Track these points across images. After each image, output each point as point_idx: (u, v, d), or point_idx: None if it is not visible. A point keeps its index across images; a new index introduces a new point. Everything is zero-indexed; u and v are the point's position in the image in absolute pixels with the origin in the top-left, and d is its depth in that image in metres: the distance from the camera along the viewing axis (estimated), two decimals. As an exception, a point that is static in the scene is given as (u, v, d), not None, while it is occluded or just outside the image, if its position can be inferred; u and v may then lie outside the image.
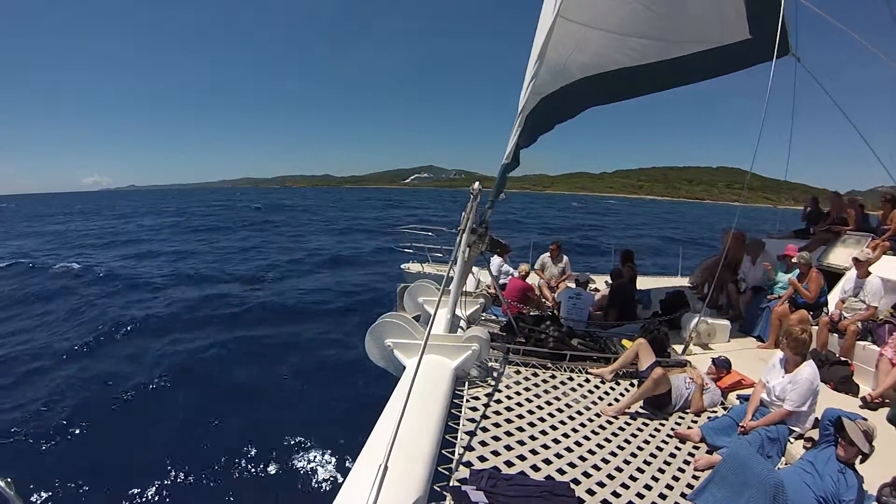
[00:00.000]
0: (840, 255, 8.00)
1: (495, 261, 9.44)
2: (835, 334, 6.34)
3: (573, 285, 9.11)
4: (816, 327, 6.31)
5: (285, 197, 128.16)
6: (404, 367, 4.29)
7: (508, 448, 3.74)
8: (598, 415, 4.64)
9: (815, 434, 4.15)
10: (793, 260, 7.25)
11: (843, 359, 5.95)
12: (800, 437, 4.33)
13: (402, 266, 11.59)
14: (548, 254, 10.42)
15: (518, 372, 5.29)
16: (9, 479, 1.56)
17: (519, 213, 61.96)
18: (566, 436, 4.14)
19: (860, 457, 3.55)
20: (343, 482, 2.50)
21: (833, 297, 6.94)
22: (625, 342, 6.36)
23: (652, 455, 4.06)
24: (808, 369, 4.38)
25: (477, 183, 4.91)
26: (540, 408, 4.56)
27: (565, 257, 10.44)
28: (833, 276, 7.40)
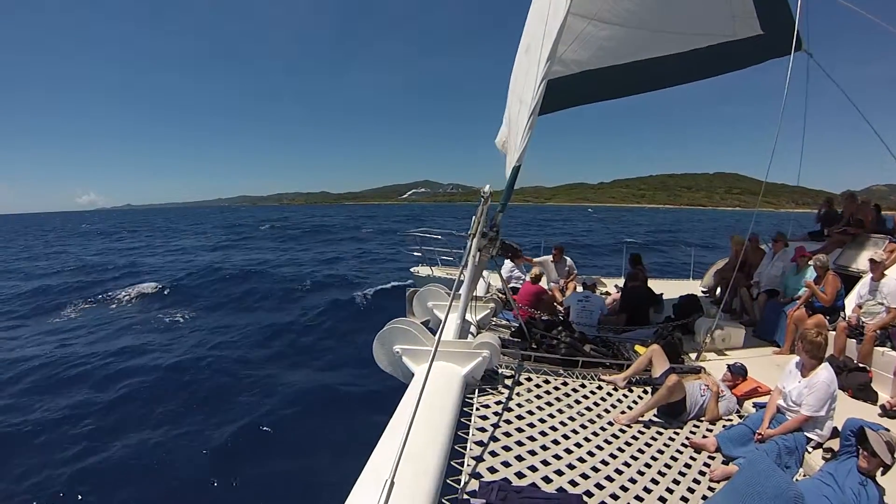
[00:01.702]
0: (857, 258, 7.88)
1: (506, 264, 9.41)
2: (852, 340, 6.22)
3: (581, 289, 9.03)
4: (834, 332, 6.19)
5: (308, 216, 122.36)
6: (413, 375, 4.22)
7: (519, 458, 3.65)
8: (610, 423, 4.55)
9: (834, 444, 4.05)
10: (809, 262, 7.13)
11: (861, 365, 5.82)
12: (818, 445, 4.22)
13: (412, 269, 11.56)
14: (550, 257, 10.43)
15: (529, 379, 5.19)
16: None
17: (563, 230, 61.56)
18: (578, 445, 4.06)
19: (882, 468, 3.45)
20: (346, 498, 2.43)
21: (850, 302, 6.81)
22: (638, 348, 6.26)
23: (666, 465, 3.97)
24: (825, 373, 4.29)
25: (487, 186, 4.81)
26: (552, 416, 4.47)
27: (568, 259, 10.45)
28: (850, 280, 7.27)
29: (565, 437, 4.16)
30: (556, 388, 5.10)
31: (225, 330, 14.70)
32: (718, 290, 9.41)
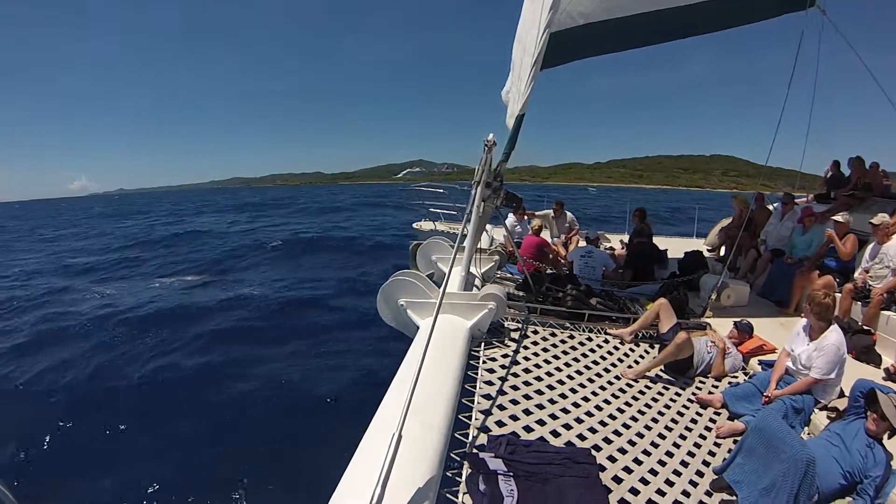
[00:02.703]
0: (865, 222, 7.80)
1: (510, 218, 9.32)
2: (858, 302, 6.18)
3: (584, 244, 8.96)
4: (840, 294, 6.15)
5: (316, 196, 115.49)
6: (418, 328, 4.16)
7: (527, 412, 3.62)
8: (617, 377, 4.54)
9: (839, 403, 4.03)
10: (834, 218, 7.01)
11: (865, 327, 5.80)
12: (824, 407, 4.20)
13: (415, 224, 11.49)
14: (551, 211, 10.37)
15: (535, 332, 5.14)
16: None
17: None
18: (586, 399, 4.03)
19: (889, 432, 3.42)
20: (354, 452, 2.39)
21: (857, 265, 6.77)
22: (647, 304, 6.22)
23: (673, 420, 3.97)
24: (834, 335, 4.22)
25: (491, 134, 4.64)
26: (559, 369, 4.44)
27: (569, 214, 10.39)
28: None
29: (573, 390, 4.13)
30: (563, 342, 5.06)
31: (309, 293, 15.07)
32: (723, 248, 9.36)
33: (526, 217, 9.99)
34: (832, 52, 7.24)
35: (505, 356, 4.42)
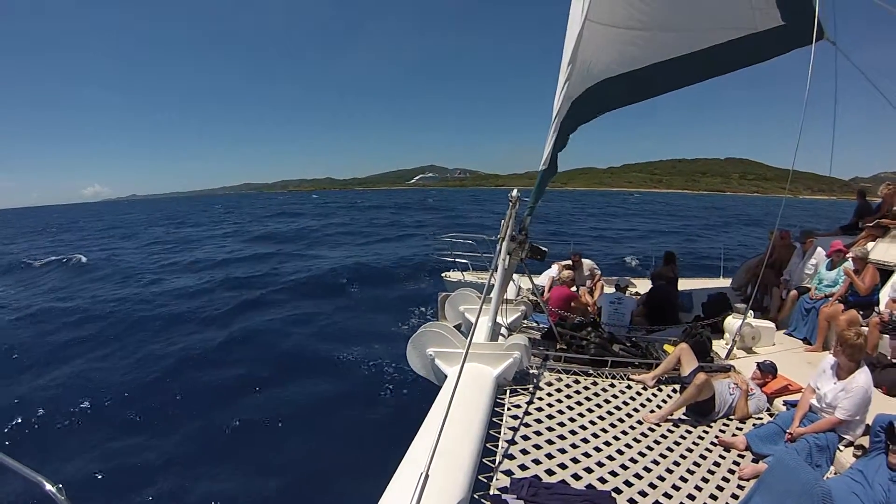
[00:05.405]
0: (891, 251, 7.71)
1: (553, 268, 9.44)
2: (886, 336, 6.14)
3: (613, 290, 9.04)
4: (866, 328, 6.12)
5: (349, 201, 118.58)
6: (446, 376, 4.36)
7: (549, 456, 3.78)
8: (640, 422, 4.63)
9: (865, 441, 4.05)
10: (848, 255, 7.02)
11: (894, 361, 5.76)
12: (850, 444, 4.21)
13: (443, 274, 11.66)
14: (570, 262, 10.38)
15: (559, 379, 5.31)
16: (60, 485, 1.59)
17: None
18: (608, 444, 4.15)
19: (911, 465, 3.46)
20: (383, 490, 2.59)
21: (884, 296, 6.70)
22: (667, 347, 6.29)
23: (695, 464, 4.03)
24: (863, 377, 4.23)
25: (515, 190, 4.90)
26: (581, 415, 4.59)
27: (586, 262, 10.29)
28: (884, 274, 7.15)
29: (595, 435, 4.26)
30: (586, 388, 5.21)
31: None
32: (749, 287, 9.33)
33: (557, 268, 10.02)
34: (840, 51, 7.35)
35: (529, 402, 4.60)
